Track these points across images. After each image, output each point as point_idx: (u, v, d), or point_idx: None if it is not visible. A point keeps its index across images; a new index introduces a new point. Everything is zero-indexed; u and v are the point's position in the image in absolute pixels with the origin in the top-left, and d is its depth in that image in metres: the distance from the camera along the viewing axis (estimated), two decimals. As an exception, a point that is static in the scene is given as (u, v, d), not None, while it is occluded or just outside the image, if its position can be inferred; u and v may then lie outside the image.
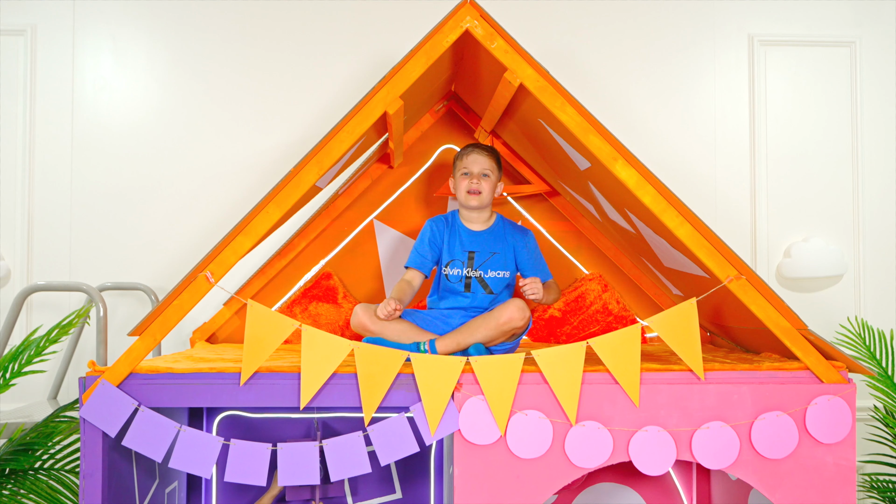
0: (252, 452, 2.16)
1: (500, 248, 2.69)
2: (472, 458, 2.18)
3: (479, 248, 2.67)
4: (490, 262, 2.66)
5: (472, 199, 2.67)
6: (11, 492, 2.28)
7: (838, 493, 2.20)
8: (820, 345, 2.21)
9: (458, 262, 2.67)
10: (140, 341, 2.15)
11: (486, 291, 2.64)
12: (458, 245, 2.69)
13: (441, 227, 2.72)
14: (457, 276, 2.66)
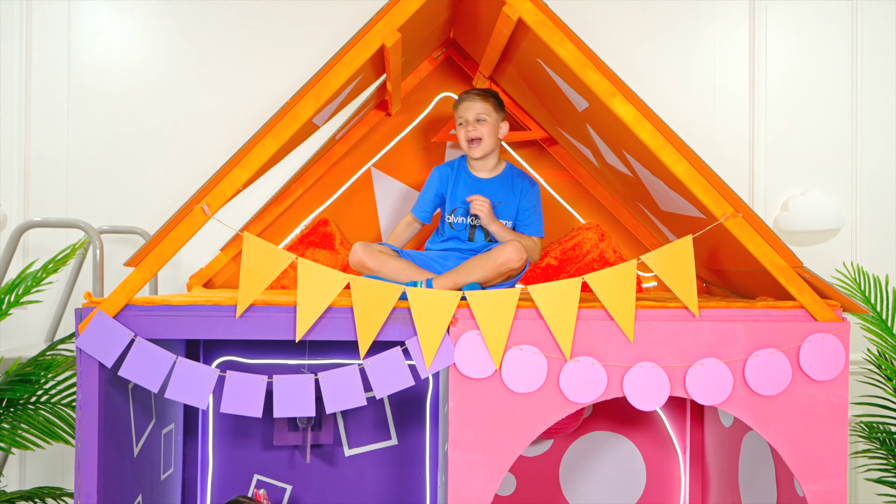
0: (247, 384, 2.17)
1: (506, 197, 2.68)
2: (467, 392, 2.19)
3: (485, 196, 2.64)
4: (495, 211, 2.65)
5: (474, 149, 2.65)
6: (12, 425, 2.29)
7: (830, 430, 2.22)
8: (815, 283, 2.22)
9: (461, 210, 2.67)
10: (136, 272, 2.15)
11: (487, 240, 2.64)
12: (464, 192, 2.67)
13: (446, 176, 2.72)
14: (461, 224, 2.66)
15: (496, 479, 2.20)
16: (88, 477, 2.18)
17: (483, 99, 2.66)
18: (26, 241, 3.15)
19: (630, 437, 3.19)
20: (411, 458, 3.18)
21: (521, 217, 2.69)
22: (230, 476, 3.12)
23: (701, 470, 3.13)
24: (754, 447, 2.69)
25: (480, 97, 2.66)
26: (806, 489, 2.22)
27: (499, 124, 2.68)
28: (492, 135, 2.66)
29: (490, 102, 2.68)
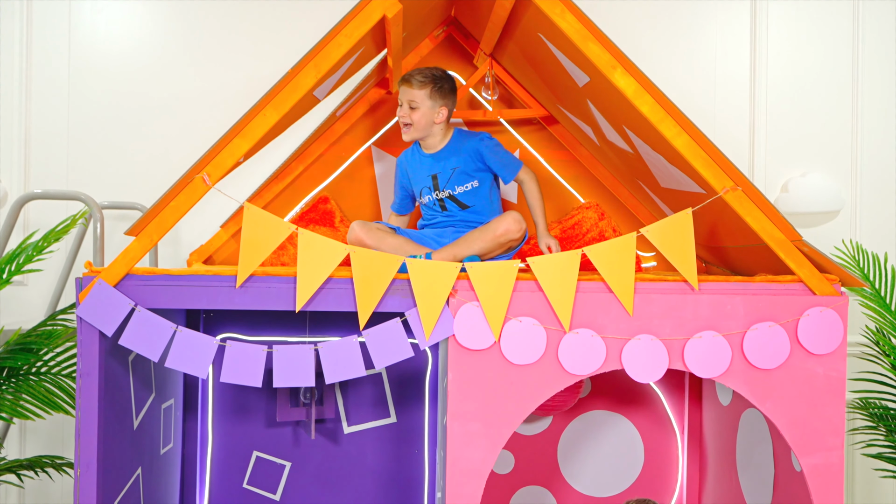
0: (247, 354, 2.18)
1: (459, 161, 2.68)
2: (466, 364, 2.20)
3: (439, 168, 2.68)
4: (454, 177, 2.66)
5: (405, 132, 2.68)
6: (13, 395, 2.30)
7: (828, 403, 2.23)
8: (814, 257, 2.22)
9: (426, 188, 2.70)
10: (137, 242, 2.16)
11: (461, 207, 2.65)
12: (421, 173, 2.71)
13: (402, 165, 2.78)
14: (429, 202, 2.70)
15: (495, 449, 2.21)
16: (88, 446, 2.19)
17: (420, 86, 2.63)
18: (27, 215, 3.16)
19: (628, 417, 3.20)
20: (410, 435, 3.19)
21: (498, 168, 2.69)
22: (230, 452, 3.13)
23: (699, 449, 3.14)
24: (752, 425, 2.70)
25: (418, 84, 2.64)
26: (803, 462, 2.23)
27: (435, 110, 2.65)
28: (423, 120, 2.65)
29: (427, 89, 2.64)
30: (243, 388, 3.14)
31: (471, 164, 2.68)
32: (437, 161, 2.70)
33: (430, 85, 2.64)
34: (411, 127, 2.65)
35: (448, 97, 2.70)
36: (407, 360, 3.11)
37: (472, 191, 2.66)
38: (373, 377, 3.18)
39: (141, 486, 2.61)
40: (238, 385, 3.12)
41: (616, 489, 3.19)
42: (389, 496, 3.17)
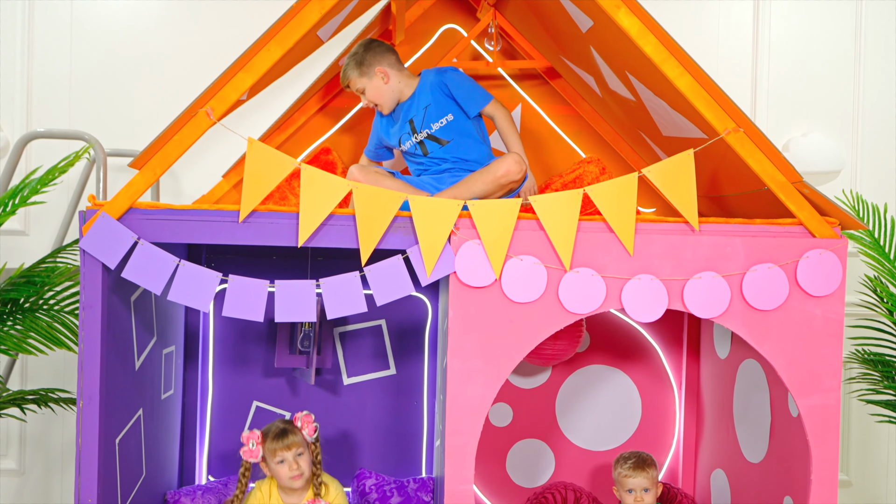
0: (249, 288, 2.19)
1: (429, 99, 2.68)
2: (467, 301, 2.21)
3: (413, 111, 2.70)
4: (427, 115, 2.67)
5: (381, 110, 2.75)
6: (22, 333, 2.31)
7: (826, 345, 2.24)
8: (815, 199, 2.23)
9: (406, 134, 2.72)
10: (140, 175, 2.16)
11: (441, 144, 2.66)
12: (398, 121, 2.74)
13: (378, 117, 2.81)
14: (411, 147, 2.72)
15: (494, 387, 2.22)
16: (91, 378, 2.20)
17: (351, 76, 2.67)
18: (29, 157, 3.16)
19: (626, 371, 3.22)
20: (410, 387, 3.20)
21: (464, 102, 2.69)
22: (230, 401, 3.15)
23: (696, 402, 3.16)
24: (749, 375, 2.72)
25: (347, 78, 2.69)
26: (800, 404, 2.25)
27: (377, 79, 2.67)
28: (379, 93, 2.68)
29: (356, 73, 2.66)
30: (243, 338, 3.15)
31: (440, 98, 2.68)
32: (411, 106, 2.72)
33: (354, 69, 2.67)
34: (379, 105, 2.73)
35: (375, 60, 2.67)
36: (407, 312, 3.19)
37: (448, 125, 2.67)
38: (372, 329, 3.20)
39: (142, 428, 2.62)
40: (238, 335, 3.15)
41: (613, 443, 3.21)
42: (389, 447, 3.19)
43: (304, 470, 2.52)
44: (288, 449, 2.50)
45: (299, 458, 2.51)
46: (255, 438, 2.53)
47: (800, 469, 2.34)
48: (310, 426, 2.57)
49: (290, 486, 2.54)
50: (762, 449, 2.62)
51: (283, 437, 2.50)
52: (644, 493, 2.61)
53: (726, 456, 2.89)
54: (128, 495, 2.51)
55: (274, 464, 2.52)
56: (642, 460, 2.64)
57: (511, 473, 3.21)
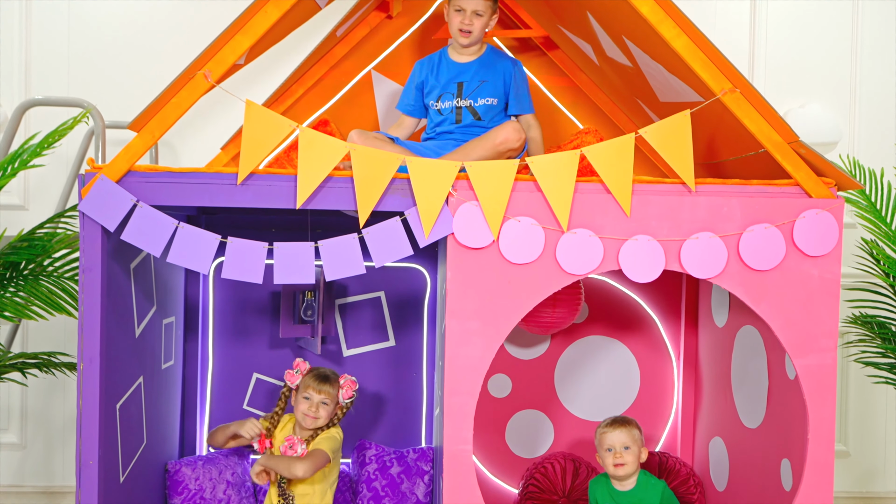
0: (248, 250, 2.19)
1: (489, 77, 2.70)
2: (465, 262, 2.22)
3: (468, 77, 2.69)
4: (479, 89, 2.68)
5: (463, 37, 2.68)
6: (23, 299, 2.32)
7: (822, 305, 2.25)
8: (811, 159, 2.24)
9: (447, 94, 2.71)
10: (138, 138, 2.17)
11: (475, 118, 2.66)
12: (447, 78, 2.71)
13: (426, 68, 2.77)
14: (448, 108, 2.70)
15: (492, 348, 2.23)
16: (91, 341, 2.21)
17: None
18: (28, 126, 3.16)
19: (625, 342, 3.23)
20: (409, 358, 3.22)
21: (513, 99, 2.72)
22: (230, 373, 3.16)
23: (694, 372, 3.17)
24: (747, 342, 2.73)
25: None
26: (797, 364, 2.26)
27: (490, 20, 2.70)
28: (482, 29, 2.70)
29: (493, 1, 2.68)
30: (243, 311, 3.16)
31: (498, 81, 2.71)
32: (468, 70, 2.71)
33: None
34: (471, 34, 2.67)
35: (498, 9, 2.74)
36: (406, 283, 3.20)
37: (490, 107, 2.68)
38: (372, 301, 3.21)
39: (143, 396, 2.63)
40: (238, 307, 3.16)
41: (612, 413, 3.19)
42: (388, 418, 3.21)
43: (321, 417, 2.64)
44: (318, 392, 2.64)
45: (322, 406, 2.64)
46: (303, 368, 2.70)
47: (797, 432, 2.36)
48: (349, 389, 2.70)
49: (300, 421, 2.66)
50: (760, 414, 2.64)
51: (322, 381, 2.65)
52: (624, 451, 2.55)
53: (724, 423, 2.91)
54: (129, 462, 2.52)
55: (301, 397, 2.66)
56: (623, 418, 2.62)
57: (510, 444, 3.23)
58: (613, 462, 2.55)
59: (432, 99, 2.73)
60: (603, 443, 2.58)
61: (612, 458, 2.56)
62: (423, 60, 2.81)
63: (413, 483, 3.02)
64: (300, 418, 2.67)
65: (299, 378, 2.70)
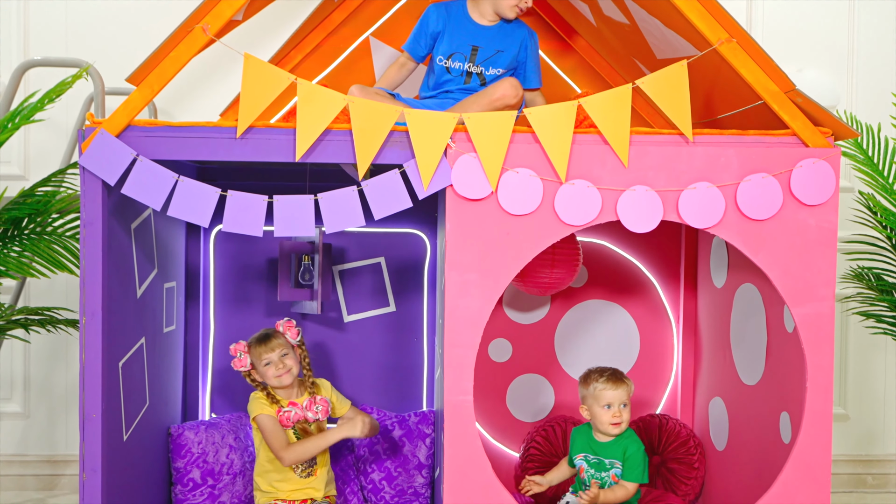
0: (248, 203, 2.21)
1: (506, 47, 2.67)
2: (464, 213, 2.23)
3: (484, 43, 2.65)
4: (494, 58, 2.66)
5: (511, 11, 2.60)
6: (25, 257, 2.33)
7: (820, 254, 2.26)
8: (808, 109, 2.25)
9: (460, 55, 2.67)
10: (137, 92, 2.18)
11: (481, 83, 2.66)
12: (462, 37, 2.66)
13: (443, 18, 2.69)
14: (458, 69, 2.67)
15: (491, 299, 2.24)
16: (93, 295, 2.23)
17: None
18: (27, 88, 3.16)
19: (624, 306, 3.24)
20: (409, 324, 3.23)
21: (521, 70, 2.72)
22: (231, 341, 3.14)
23: (693, 335, 3.19)
24: (745, 299, 2.74)
25: None
26: (795, 313, 2.27)
27: None
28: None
29: None
30: (244, 278, 3.17)
31: (514, 52, 2.68)
32: (486, 34, 2.66)
33: None
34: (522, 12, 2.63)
35: None
36: (406, 249, 3.21)
37: (498, 76, 2.67)
38: (372, 266, 3.22)
39: (145, 357, 2.65)
40: (239, 274, 3.17)
41: (612, 377, 3.23)
42: (389, 383, 3.22)
43: (292, 367, 2.65)
44: (272, 350, 2.64)
45: (284, 358, 2.65)
46: (242, 348, 2.68)
47: (795, 384, 2.37)
48: (292, 330, 2.72)
49: (278, 385, 2.66)
50: (759, 370, 2.65)
51: (267, 340, 2.66)
52: (622, 409, 2.54)
53: (724, 383, 2.92)
54: (132, 421, 2.54)
55: (262, 367, 2.66)
56: (619, 373, 2.57)
57: (511, 408, 3.24)
58: (612, 420, 2.54)
59: (442, 54, 2.67)
60: (600, 398, 2.54)
61: (611, 415, 2.54)
62: (439, 6, 2.71)
63: (415, 446, 3.03)
64: (276, 383, 2.67)
65: (246, 358, 2.69)
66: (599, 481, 2.55)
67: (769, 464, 2.53)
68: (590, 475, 2.58)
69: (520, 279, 2.88)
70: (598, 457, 2.58)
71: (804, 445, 2.29)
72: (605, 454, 2.57)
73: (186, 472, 2.89)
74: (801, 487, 2.27)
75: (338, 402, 2.79)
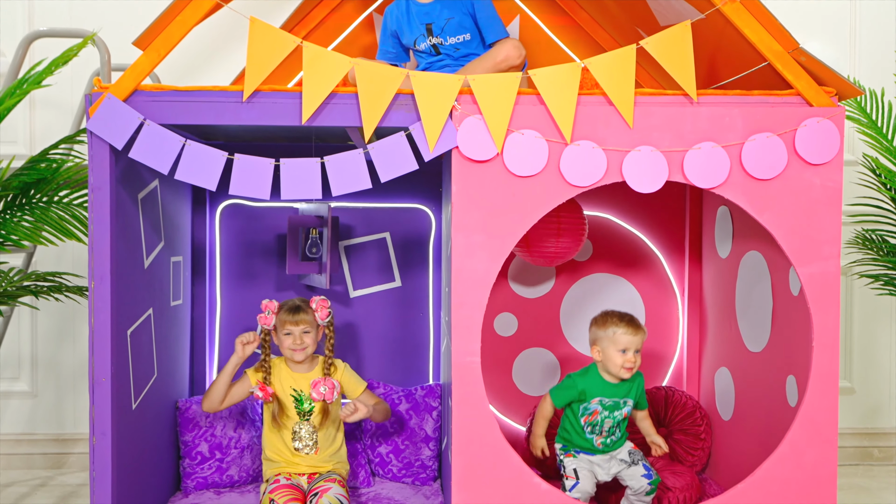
0: (255, 166, 2.22)
1: (453, 13, 2.66)
2: (470, 175, 2.24)
3: (433, 18, 2.67)
4: (447, 27, 2.65)
5: None
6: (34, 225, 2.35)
7: (825, 213, 2.27)
8: (812, 68, 2.26)
9: (420, 37, 2.70)
10: (144, 56, 2.19)
11: (455, 51, 2.66)
12: (415, 22, 2.70)
13: (395, 15, 2.75)
14: (425, 48, 2.70)
15: (497, 260, 2.25)
16: (101, 260, 2.24)
17: None
18: (32, 59, 3.17)
19: (629, 279, 3.25)
20: (415, 299, 3.24)
21: (485, 28, 2.67)
22: (238, 317, 3.18)
23: (699, 307, 3.19)
24: (751, 267, 2.75)
25: None
26: (801, 272, 2.28)
27: None
28: None
29: None
30: (250, 254, 3.19)
31: (465, 16, 2.68)
32: (431, 9, 2.69)
33: None
34: None
35: None
36: (411, 224, 3.22)
37: (465, 43, 2.68)
38: (377, 242, 3.23)
39: (153, 328, 2.66)
40: (245, 251, 3.18)
41: (618, 350, 3.24)
42: (396, 358, 3.23)
43: (308, 345, 2.66)
44: (296, 324, 2.64)
45: (305, 335, 2.65)
46: (272, 308, 2.68)
47: (801, 346, 2.38)
48: (324, 310, 2.70)
49: (290, 357, 2.68)
50: (764, 337, 2.66)
51: (295, 312, 2.65)
52: (635, 355, 2.56)
53: (729, 352, 2.93)
54: (140, 391, 2.55)
55: (282, 334, 2.66)
56: (637, 319, 2.59)
57: (517, 382, 3.25)
58: (625, 365, 2.54)
59: (410, 45, 2.73)
60: (618, 342, 2.53)
61: (625, 360, 2.54)
62: (390, 7, 2.79)
63: (422, 419, 3.04)
64: (288, 354, 2.69)
65: (273, 318, 2.69)
66: (612, 420, 2.60)
67: (776, 429, 2.54)
68: (603, 417, 2.60)
69: (526, 249, 2.89)
70: (614, 398, 2.60)
71: (811, 405, 2.29)
72: (619, 395, 2.60)
73: (194, 445, 2.90)
74: (808, 446, 2.27)
75: (352, 384, 2.76)
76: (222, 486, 2.92)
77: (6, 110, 2.18)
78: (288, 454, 2.68)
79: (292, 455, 2.67)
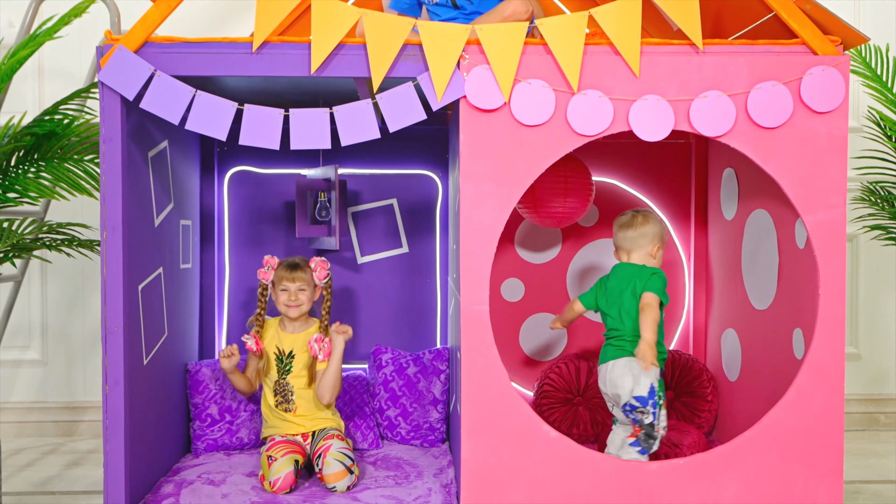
0: (265, 116, 2.24)
1: None
2: (478, 124, 2.26)
3: None
4: None
5: None
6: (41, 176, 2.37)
7: (830, 162, 2.28)
8: (817, 16, 2.27)
9: None
10: (155, 8, 2.21)
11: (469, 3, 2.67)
12: None
13: None
14: (443, 1, 2.68)
15: (505, 210, 2.27)
16: (114, 211, 2.26)
17: None
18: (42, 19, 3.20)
19: (636, 244, 3.25)
20: (422, 264, 3.26)
21: None
22: (246, 283, 3.21)
23: (705, 271, 3.20)
24: (757, 226, 2.76)
25: None
26: (807, 221, 2.29)
27: None
28: None
29: None
30: (258, 220, 3.21)
31: None
32: None
33: None
34: None
35: None
36: (418, 190, 3.24)
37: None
38: (384, 208, 3.25)
39: (163, 287, 2.68)
40: (253, 217, 3.20)
41: (624, 315, 3.25)
42: (403, 322, 3.25)
43: (303, 303, 2.72)
44: (293, 281, 2.71)
45: (300, 293, 2.72)
46: (273, 263, 2.76)
47: (808, 299, 2.39)
48: (322, 270, 2.76)
49: (285, 313, 2.74)
50: (771, 293, 2.67)
51: (293, 269, 2.72)
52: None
53: (736, 313, 2.94)
54: (151, 348, 2.57)
55: (278, 290, 2.74)
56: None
57: (524, 347, 3.27)
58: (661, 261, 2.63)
59: (425, 2, 2.74)
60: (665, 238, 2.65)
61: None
62: None
63: (430, 382, 3.06)
64: (283, 310, 2.74)
65: (272, 273, 2.76)
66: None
67: (782, 385, 2.54)
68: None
69: (533, 210, 2.91)
70: None
71: (817, 353, 2.30)
72: None
73: (204, 407, 2.92)
74: (815, 392, 2.29)
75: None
76: (232, 448, 2.94)
77: (19, 62, 2.21)
78: (268, 411, 2.72)
79: (276, 411, 2.71)
